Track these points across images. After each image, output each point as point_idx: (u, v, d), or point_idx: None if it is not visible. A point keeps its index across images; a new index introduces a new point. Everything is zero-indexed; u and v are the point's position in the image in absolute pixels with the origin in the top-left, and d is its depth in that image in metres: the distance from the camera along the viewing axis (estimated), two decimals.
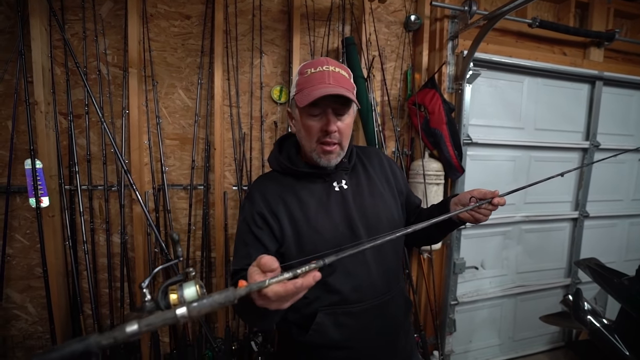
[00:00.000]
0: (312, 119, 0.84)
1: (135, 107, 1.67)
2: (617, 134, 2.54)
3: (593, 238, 2.57)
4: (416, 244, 1.12)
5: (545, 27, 2.04)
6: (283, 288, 0.49)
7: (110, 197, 1.74)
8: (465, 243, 2.20)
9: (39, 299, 1.68)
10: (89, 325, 1.70)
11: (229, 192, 1.88)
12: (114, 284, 1.75)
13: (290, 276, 0.50)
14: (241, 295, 0.44)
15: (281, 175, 0.95)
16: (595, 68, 2.34)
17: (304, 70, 0.86)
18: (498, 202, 0.80)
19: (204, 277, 1.85)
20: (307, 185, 0.92)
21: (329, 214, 0.88)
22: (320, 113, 0.84)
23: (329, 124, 0.83)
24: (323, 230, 0.86)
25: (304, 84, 0.84)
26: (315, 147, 0.87)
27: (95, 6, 1.65)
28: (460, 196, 0.89)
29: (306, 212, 0.87)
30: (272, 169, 1.00)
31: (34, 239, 1.64)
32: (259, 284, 0.47)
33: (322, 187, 0.92)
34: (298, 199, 0.89)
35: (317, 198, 0.90)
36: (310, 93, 0.80)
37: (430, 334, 2.14)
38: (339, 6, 1.95)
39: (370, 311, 0.88)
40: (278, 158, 0.95)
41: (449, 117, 1.90)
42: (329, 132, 0.84)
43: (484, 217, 0.85)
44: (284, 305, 0.53)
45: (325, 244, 0.84)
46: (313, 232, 0.86)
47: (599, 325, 1.65)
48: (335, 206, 0.90)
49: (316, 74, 0.83)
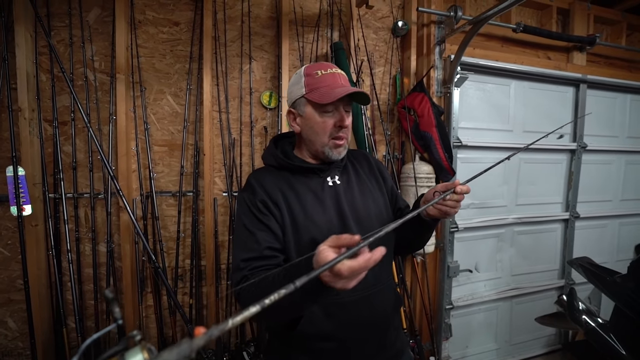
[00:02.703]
0: (326, 115, 0.90)
1: (123, 113, 1.65)
2: (603, 135, 2.59)
3: (585, 239, 2.59)
4: (400, 252, 1.11)
5: (529, 32, 2.10)
6: (357, 263, 0.50)
7: (97, 205, 1.70)
8: (459, 246, 2.19)
9: (20, 312, 1.61)
10: (72, 340, 1.63)
11: (219, 198, 1.85)
12: (100, 295, 1.69)
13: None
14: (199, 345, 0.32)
15: (277, 170, 0.97)
16: (579, 71, 2.40)
17: (312, 72, 0.90)
18: (461, 190, 0.80)
19: (194, 286, 1.80)
20: (302, 179, 0.94)
21: (324, 207, 0.91)
22: (333, 110, 0.90)
23: (343, 120, 0.90)
24: (319, 221, 0.89)
25: (317, 83, 0.88)
26: (327, 141, 0.91)
27: (83, 13, 1.64)
28: (426, 194, 0.91)
29: (304, 204, 0.90)
30: (266, 164, 1.01)
31: (16, 250, 1.58)
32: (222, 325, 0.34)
33: (317, 182, 0.95)
34: (295, 191, 0.92)
35: (313, 191, 0.93)
36: (331, 92, 0.86)
37: (426, 339, 2.11)
38: (327, 12, 1.97)
39: (360, 302, 0.89)
40: (274, 153, 0.97)
41: (439, 120, 1.91)
42: (343, 126, 0.90)
43: (452, 209, 0.85)
44: (351, 284, 0.55)
45: (321, 235, 0.86)
46: (310, 223, 0.88)
47: (594, 324, 1.64)
48: (329, 200, 0.93)
49: (327, 75, 0.89)
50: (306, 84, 0.90)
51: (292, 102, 0.95)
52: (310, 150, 0.96)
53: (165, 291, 1.73)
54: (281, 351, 0.94)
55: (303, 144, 0.97)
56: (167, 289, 1.57)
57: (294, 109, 0.94)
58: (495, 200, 2.33)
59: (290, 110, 0.95)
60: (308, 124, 0.92)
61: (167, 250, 1.80)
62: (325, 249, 0.57)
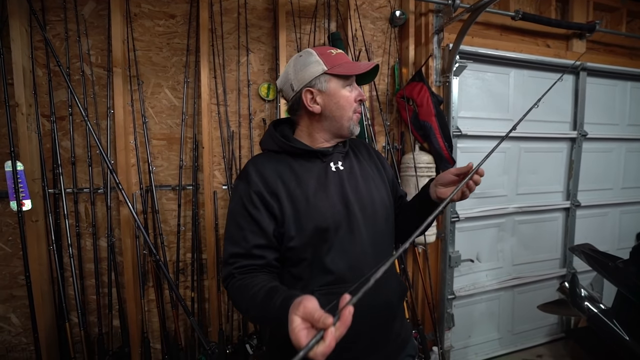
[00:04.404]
0: (348, 90, 0.93)
1: (121, 107, 1.64)
2: (603, 123, 2.58)
3: (586, 227, 2.58)
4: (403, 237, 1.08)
5: (527, 20, 2.08)
6: (330, 347, 0.47)
7: (97, 200, 1.69)
8: (460, 236, 2.19)
9: (22, 308, 1.62)
10: (75, 334, 1.63)
11: (218, 191, 1.85)
12: (102, 289, 1.69)
13: None
14: None
15: (276, 154, 0.94)
16: (579, 59, 2.38)
17: (325, 52, 0.93)
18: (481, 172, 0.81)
19: (196, 279, 1.80)
20: (304, 163, 0.92)
21: (328, 193, 0.89)
22: (351, 84, 0.93)
23: (361, 94, 0.95)
24: (323, 208, 0.87)
25: (336, 60, 0.91)
26: (352, 115, 0.94)
27: (78, 6, 1.63)
28: (439, 176, 0.91)
29: (306, 190, 0.88)
30: (265, 149, 0.98)
31: (17, 246, 1.59)
32: None
33: (320, 167, 0.93)
34: (296, 177, 0.89)
35: (316, 177, 0.91)
36: (355, 66, 0.92)
37: (429, 329, 2.11)
38: (324, 3, 1.96)
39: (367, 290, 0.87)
40: (274, 136, 0.94)
41: (438, 109, 1.90)
42: (363, 100, 0.95)
43: (469, 192, 0.86)
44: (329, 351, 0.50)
45: (324, 222, 0.85)
46: (313, 209, 0.86)
47: (596, 311, 1.64)
48: (333, 185, 0.91)
49: (340, 54, 0.94)
50: (325, 61, 0.90)
51: (307, 82, 0.90)
52: (333, 129, 0.94)
53: (167, 285, 1.73)
54: (283, 343, 0.91)
55: (320, 125, 0.94)
56: (168, 282, 1.56)
57: (312, 88, 0.91)
58: (496, 189, 2.32)
59: (309, 89, 0.91)
60: (333, 99, 0.91)
61: (168, 244, 1.80)
62: (297, 328, 0.53)
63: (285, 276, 0.90)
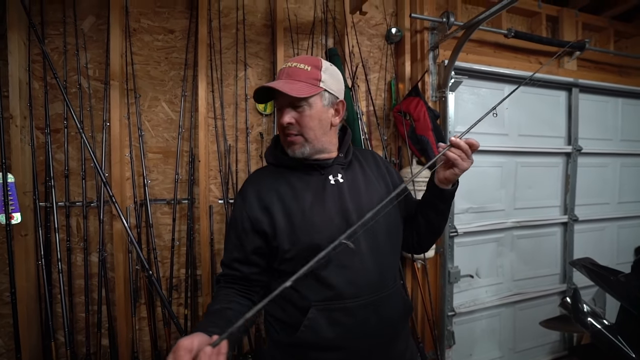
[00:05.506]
0: (278, 113, 0.92)
1: (117, 119, 1.63)
2: (597, 138, 2.61)
3: (584, 242, 2.57)
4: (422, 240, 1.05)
5: (520, 38, 2.14)
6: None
7: (89, 214, 1.66)
8: (459, 251, 2.16)
9: (6, 327, 1.55)
10: (61, 355, 1.56)
11: (214, 205, 1.82)
12: (91, 307, 1.63)
13: None
14: None
15: (275, 168, 0.95)
16: (571, 76, 2.44)
17: None
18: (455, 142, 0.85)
19: (189, 296, 1.75)
20: (302, 177, 0.92)
21: (325, 207, 0.87)
22: (280, 107, 0.90)
23: (280, 117, 0.89)
24: (319, 222, 0.85)
25: None
26: (284, 138, 0.92)
27: (77, 21, 1.64)
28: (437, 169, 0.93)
29: (302, 204, 0.87)
30: (268, 163, 1.00)
31: (4, 261, 1.53)
32: None
33: (317, 180, 0.91)
34: (293, 191, 0.89)
35: (313, 190, 0.89)
36: None
37: (430, 348, 2.05)
38: (321, 20, 2.00)
39: (367, 308, 0.84)
40: (274, 151, 0.97)
41: (435, 123, 1.91)
42: (281, 124, 0.89)
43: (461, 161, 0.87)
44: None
45: (320, 236, 0.83)
46: (308, 224, 0.85)
47: (600, 327, 1.60)
48: (330, 199, 0.89)
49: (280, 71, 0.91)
50: None
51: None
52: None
53: (160, 302, 1.67)
54: None
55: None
56: (161, 299, 1.51)
57: None
58: (494, 204, 2.31)
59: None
60: None
61: (162, 260, 1.75)
62: None
63: None
